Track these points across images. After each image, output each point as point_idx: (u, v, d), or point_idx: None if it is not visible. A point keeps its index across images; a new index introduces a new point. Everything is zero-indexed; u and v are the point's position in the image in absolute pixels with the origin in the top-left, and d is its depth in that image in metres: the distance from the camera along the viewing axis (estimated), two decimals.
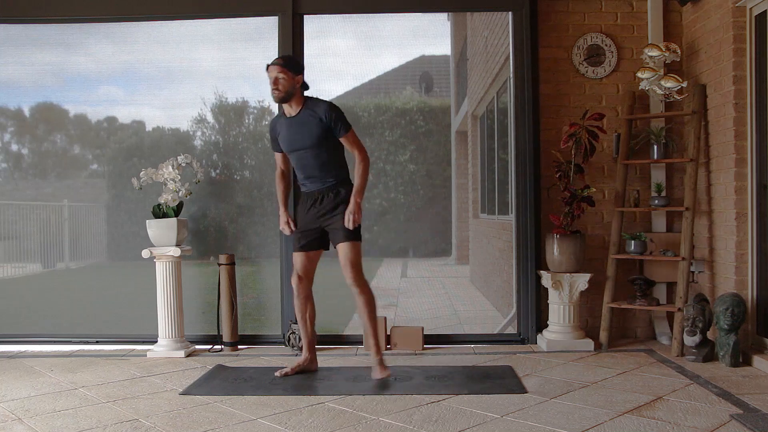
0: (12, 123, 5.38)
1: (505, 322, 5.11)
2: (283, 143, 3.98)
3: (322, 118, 3.84)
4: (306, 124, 3.86)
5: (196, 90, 5.20)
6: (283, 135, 3.95)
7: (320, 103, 3.91)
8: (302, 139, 3.87)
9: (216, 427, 3.07)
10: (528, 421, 3.10)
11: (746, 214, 4.28)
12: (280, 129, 3.98)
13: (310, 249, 4.02)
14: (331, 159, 3.92)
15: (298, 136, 3.88)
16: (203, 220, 5.16)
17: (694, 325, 4.17)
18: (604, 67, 4.95)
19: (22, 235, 5.37)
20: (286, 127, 3.94)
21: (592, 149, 4.64)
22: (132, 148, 5.29)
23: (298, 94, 3.88)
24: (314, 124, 3.85)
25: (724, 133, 4.41)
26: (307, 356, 4.07)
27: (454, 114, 6.01)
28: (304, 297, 4.04)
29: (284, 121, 3.95)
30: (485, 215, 6.32)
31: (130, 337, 4.97)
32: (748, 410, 3.20)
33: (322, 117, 3.84)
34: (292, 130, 3.90)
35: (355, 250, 3.88)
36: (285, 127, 3.94)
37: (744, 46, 4.26)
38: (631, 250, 4.69)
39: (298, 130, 3.88)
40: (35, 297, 5.38)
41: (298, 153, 3.92)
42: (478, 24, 6.34)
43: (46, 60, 5.22)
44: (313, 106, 3.89)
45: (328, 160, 3.91)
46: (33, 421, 3.19)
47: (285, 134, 3.94)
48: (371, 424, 3.09)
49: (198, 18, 5.03)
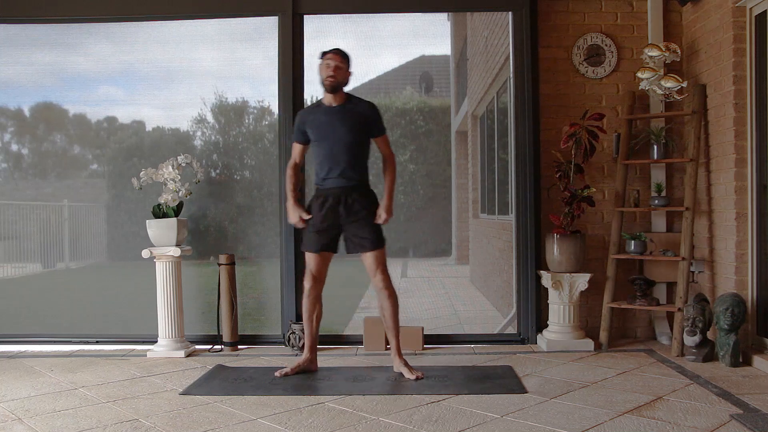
0: (12, 123, 5.38)
1: (505, 322, 5.11)
2: (316, 131, 3.95)
3: (365, 114, 3.94)
4: (347, 117, 3.91)
5: (196, 90, 5.20)
6: (319, 123, 3.93)
7: (363, 101, 4.02)
8: (340, 130, 3.89)
9: (216, 427, 3.07)
10: (528, 421, 3.10)
11: (746, 214, 4.28)
12: (313, 118, 3.96)
13: (329, 250, 3.99)
14: (360, 157, 3.96)
15: (337, 126, 3.90)
16: (203, 220, 5.16)
17: (694, 325, 4.17)
18: (604, 67, 4.95)
19: (22, 235, 5.37)
20: (324, 115, 3.93)
21: (592, 149, 4.64)
22: (132, 148, 5.29)
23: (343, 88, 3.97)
24: (356, 119, 3.92)
25: (724, 133, 4.41)
26: (308, 356, 4.07)
27: (454, 114, 6.01)
28: (314, 298, 4.02)
29: (323, 110, 3.95)
30: (485, 215, 6.32)
31: (130, 337, 4.97)
32: (748, 410, 3.20)
33: (366, 113, 3.95)
34: (332, 119, 3.91)
35: (383, 255, 3.95)
36: (323, 116, 3.94)
37: (744, 46, 4.26)
38: (631, 250, 4.69)
39: (338, 120, 3.90)
40: (35, 297, 5.38)
41: (330, 143, 3.91)
42: (478, 24, 6.34)
43: (45, 60, 5.22)
44: (356, 102, 3.99)
45: (358, 158, 3.95)
46: (33, 421, 3.19)
47: (322, 122, 3.92)
48: (371, 424, 3.09)
49: (198, 18, 5.03)
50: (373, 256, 3.90)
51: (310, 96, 5.04)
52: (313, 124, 3.97)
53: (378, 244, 3.92)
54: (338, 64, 3.87)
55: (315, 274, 3.98)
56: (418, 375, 3.84)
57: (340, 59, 3.89)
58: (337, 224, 3.95)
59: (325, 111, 3.95)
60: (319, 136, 3.95)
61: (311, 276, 3.99)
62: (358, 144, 3.94)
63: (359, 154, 3.95)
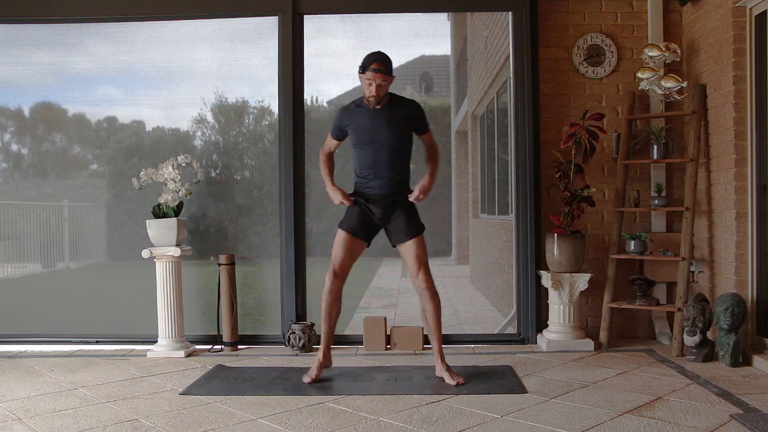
0: (12, 123, 5.38)
1: (505, 322, 5.11)
2: (359, 134, 3.85)
3: (410, 114, 3.87)
4: (392, 120, 3.81)
5: (195, 90, 5.20)
6: (363, 126, 3.83)
7: (406, 101, 3.94)
8: (385, 134, 3.81)
9: (216, 427, 3.07)
10: (528, 421, 3.10)
11: (746, 214, 4.28)
12: (356, 120, 3.85)
13: (360, 237, 3.86)
14: (404, 161, 3.90)
15: (381, 131, 3.80)
16: (203, 220, 5.16)
17: (694, 325, 4.17)
18: (604, 67, 4.95)
19: (22, 235, 5.37)
20: (368, 118, 3.82)
21: (592, 149, 4.64)
22: (132, 148, 5.29)
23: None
24: (400, 122, 3.84)
25: (724, 133, 4.41)
26: (326, 354, 3.93)
27: (454, 114, 6.01)
28: (335, 294, 3.86)
29: (366, 112, 3.83)
30: (485, 215, 6.32)
31: (130, 337, 4.97)
32: (748, 410, 3.20)
33: (410, 114, 3.87)
34: (376, 122, 3.81)
35: (423, 246, 3.85)
36: (367, 119, 3.82)
37: (744, 46, 4.26)
38: (631, 250, 4.69)
39: (383, 125, 3.80)
40: (35, 297, 5.38)
41: (374, 149, 3.82)
42: (478, 24, 6.34)
43: (45, 60, 5.22)
44: (399, 102, 3.89)
45: (402, 162, 3.89)
46: (33, 421, 3.19)
47: (365, 126, 3.82)
48: (371, 424, 3.09)
49: (197, 18, 5.03)
50: (411, 246, 3.81)
51: (310, 96, 5.04)
52: (355, 126, 3.85)
53: (417, 230, 3.84)
54: (380, 83, 3.70)
55: (337, 269, 3.83)
56: (459, 381, 3.74)
57: (382, 77, 3.70)
58: (375, 225, 3.90)
59: (368, 114, 3.82)
60: (362, 140, 3.84)
61: (333, 271, 3.84)
62: (402, 148, 3.88)
63: (403, 157, 3.89)
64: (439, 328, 3.88)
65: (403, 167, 3.91)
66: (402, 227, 3.86)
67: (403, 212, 3.87)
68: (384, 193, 3.85)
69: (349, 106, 3.94)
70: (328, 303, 3.86)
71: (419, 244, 3.85)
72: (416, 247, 3.84)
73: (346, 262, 3.87)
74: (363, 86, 3.77)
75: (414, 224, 3.87)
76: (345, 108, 3.95)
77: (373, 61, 3.70)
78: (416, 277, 3.83)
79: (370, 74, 3.70)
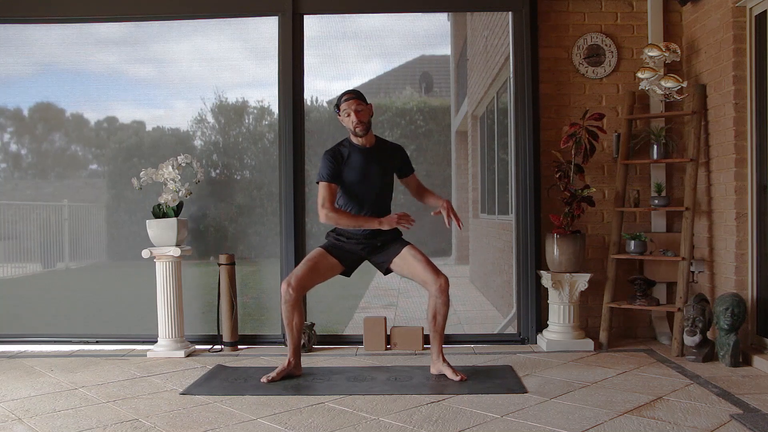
0: (11, 123, 5.38)
1: (505, 322, 5.11)
2: (353, 172, 3.85)
3: (398, 156, 3.99)
4: (381, 160, 3.91)
5: (196, 90, 5.20)
6: (359, 166, 3.85)
7: (392, 143, 4.08)
8: (374, 174, 3.87)
9: (216, 427, 3.07)
10: (528, 421, 3.10)
11: (746, 214, 4.28)
12: (348, 158, 3.86)
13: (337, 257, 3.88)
14: (387, 201, 3.99)
15: (372, 169, 3.87)
16: (203, 220, 5.16)
17: (694, 325, 4.17)
18: (604, 67, 4.95)
19: (22, 235, 5.37)
20: (362, 157, 3.86)
21: (592, 149, 4.64)
22: (132, 148, 5.29)
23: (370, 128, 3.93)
24: (388, 162, 3.94)
25: (724, 133, 4.41)
26: (292, 361, 3.93)
27: (454, 114, 6.00)
28: (291, 305, 3.79)
29: (357, 149, 3.88)
30: (485, 215, 6.32)
31: (130, 337, 4.97)
32: (748, 410, 3.20)
33: (397, 155, 3.99)
34: (367, 160, 3.87)
35: (419, 250, 3.88)
36: (361, 158, 3.86)
37: (744, 46, 4.26)
38: (631, 250, 4.69)
39: (373, 163, 3.87)
40: (35, 297, 5.38)
41: (363, 188, 3.87)
42: (478, 24, 6.34)
43: (45, 60, 5.22)
44: (386, 144, 4.02)
45: (386, 200, 3.98)
46: (33, 421, 3.19)
47: (360, 165, 3.85)
48: (371, 424, 3.09)
49: (198, 18, 5.04)
50: (416, 259, 3.81)
51: (310, 96, 5.04)
52: (351, 165, 3.85)
53: (402, 241, 3.89)
54: (357, 108, 3.79)
55: (293, 281, 3.74)
56: (462, 376, 3.78)
57: (357, 102, 3.80)
58: (357, 258, 3.95)
59: (361, 153, 3.87)
60: (358, 178, 3.86)
61: (288, 283, 3.75)
62: (387, 186, 3.97)
63: (386, 197, 3.98)
64: (443, 330, 3.92)
65: (387, 207, 3.99)
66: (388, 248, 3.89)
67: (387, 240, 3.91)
68: (368, 233, 3.88)
69: (335, 148, 3.93)
70: (285, 313, 3.83)
71: (415, 248, 3.89)
72: (414, 251, 3.87)
73: (305, 277, 3.79)
74: (344, 123, 3.86)
75: (399, 238, 3.92)
76: (332, 150, 3.91)
77: (342, 95, 3.86)
78: (434, 285, 3.78)
79: (344, 105, 3.83)
